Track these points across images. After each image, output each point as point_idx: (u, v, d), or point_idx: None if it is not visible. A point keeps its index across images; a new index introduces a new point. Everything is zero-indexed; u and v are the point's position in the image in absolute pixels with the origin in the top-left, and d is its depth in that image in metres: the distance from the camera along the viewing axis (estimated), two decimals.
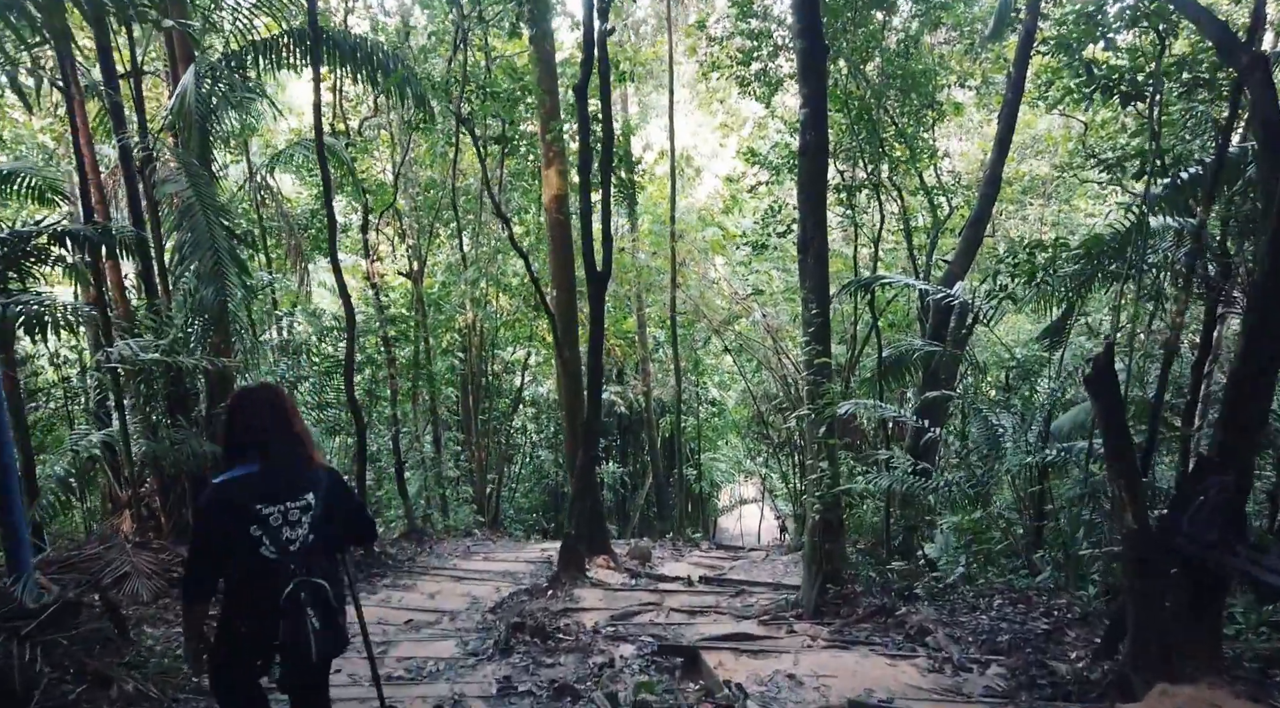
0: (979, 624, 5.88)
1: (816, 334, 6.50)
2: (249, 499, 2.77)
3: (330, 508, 2.96)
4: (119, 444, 8.07)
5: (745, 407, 24.29)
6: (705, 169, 21.36)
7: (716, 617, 6.92)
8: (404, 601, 8.76)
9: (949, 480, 7.73)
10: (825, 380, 6.50)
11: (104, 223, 6.46)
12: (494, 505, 17.87)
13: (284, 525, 2.81)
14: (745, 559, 12.54)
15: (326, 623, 2.80)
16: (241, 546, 2.75)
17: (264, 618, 2.73)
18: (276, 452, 2.88)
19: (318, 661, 2.82)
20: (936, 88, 12.46)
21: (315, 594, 2.79)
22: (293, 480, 2.89)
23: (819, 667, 4.92)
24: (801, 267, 6.62)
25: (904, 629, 5.95)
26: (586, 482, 8.61)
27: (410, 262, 16.22)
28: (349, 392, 9.83)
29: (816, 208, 6.54)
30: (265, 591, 2.73)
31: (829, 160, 7.32)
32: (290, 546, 2.80)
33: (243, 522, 2.75)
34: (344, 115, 14.17)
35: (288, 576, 2.75)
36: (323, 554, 2.92)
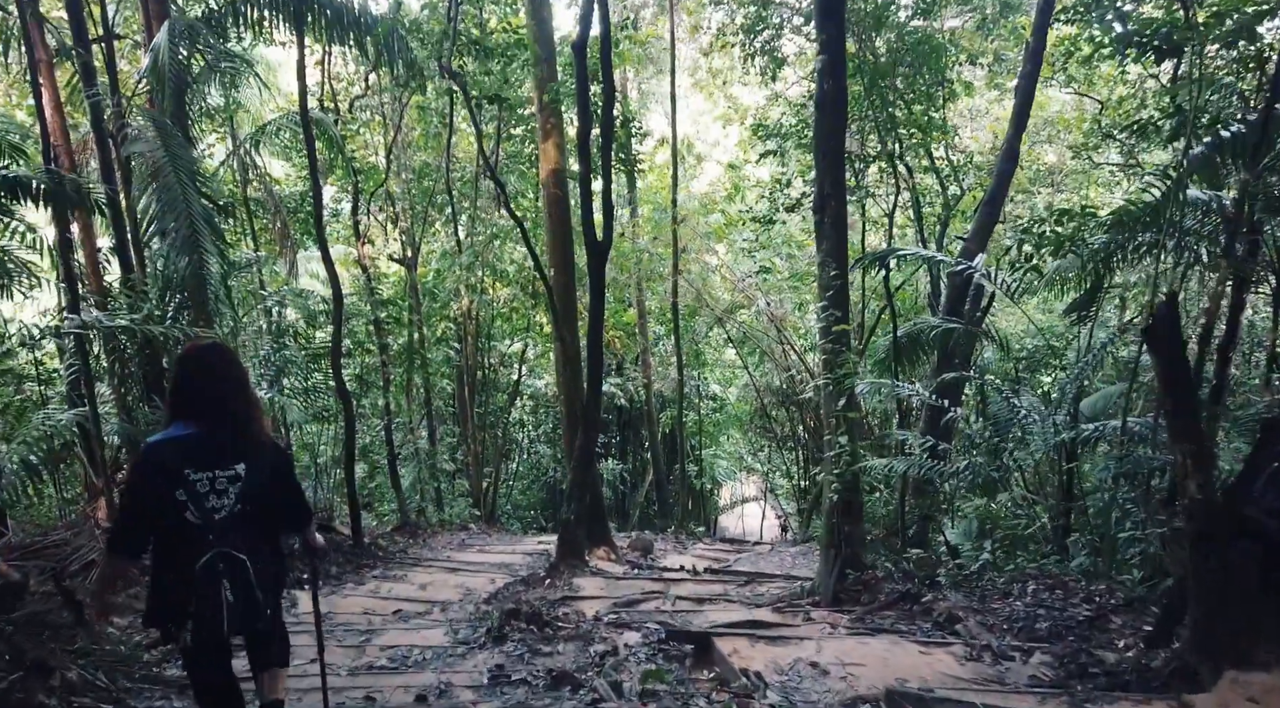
0: (1013, 611, 5.41)
1: (834, 299, 6.03)
2: (179, 462, 2.69)
3: (265, 484, 2.86)
4: (90, 426, 7.59)
5: (746, 402, 23.85)
6: (707, 157, 20.88)
7: (726, 605, 6.45)
8: (393, 591, 8.29)
9: (971, 464, 7.27)
10: (844, 349, 6.04)
11: (58, 171, 5.99)
12: (490, 500, 17.37)
13: (210, 493, 2.72)
14: (750, 552, 12.08)
15: (240, 597, 2.71)
16: (167, 508, 2.67)
17: (182, 583, 2.67)
18: (214, 417, 2.76)
19: (229, 629, 2.73)
20: (948, 64, 12.01)
21: (233, 567, 2.71)
22: (226, 449, 2.77)
23: (844, 654, 4.45)
24: (818, 229, 6.16)
25: (931, 617, 5.48)
26: (586, 466, 8.14)
27: (404, 248, 15.75)
28: (336, 375, 9.36)
29: (834, 165, 6.08)
30: (185, 556, 2.67)
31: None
32: (215, 514, 2.71)
33: (170, 484, 2.67)
34: (334, 96, 13.69)
35: (207, 545, 2.68)
36: (249, 528, 2.81)
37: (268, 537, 2.95)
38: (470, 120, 16.20)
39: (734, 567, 9.99)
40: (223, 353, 2.98)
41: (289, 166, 15.20)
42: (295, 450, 13.42)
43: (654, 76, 19.03)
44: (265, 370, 10.63)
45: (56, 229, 6.76)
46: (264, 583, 2.80)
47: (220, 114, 12.13)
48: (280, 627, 3.17)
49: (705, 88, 20.72)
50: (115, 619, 6.18)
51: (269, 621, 2.90)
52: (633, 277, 17.40)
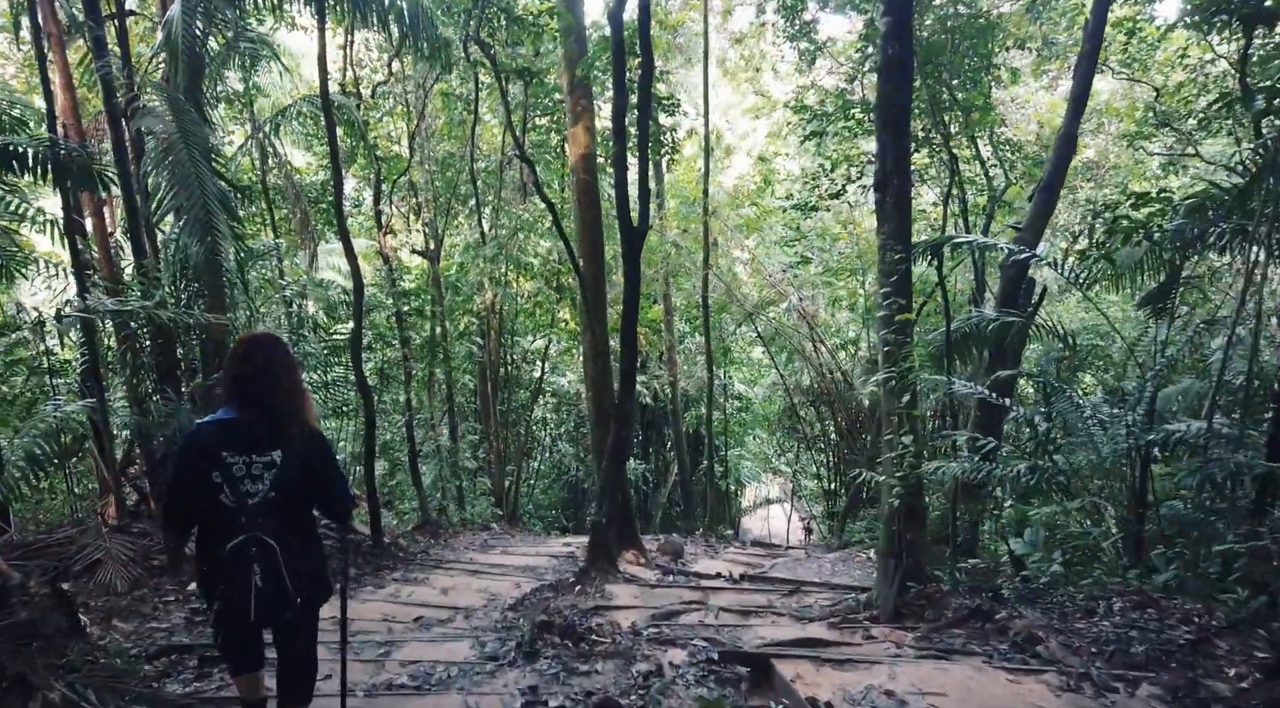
0: (1101, 633, 4.86)
1: (898, 286, 5.51)
2: (219, 445, 2.74)
3: (302, 471, 2.85)
4: (99, 418, 7.21)
5: (772, 401, 23.27)
6: (736, 150, 20.34)
7: (774, 618, 5.94)
8: (414, 596, 7.85)
9: (1036, 467, 6.70)
10: (907, 340, 5.51)
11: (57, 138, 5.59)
12: (512, 499, 16.95)
13: (246, 478, 2.74)
14: (785, 557, 11.54)
15: (270, 583, 2.72)
16: (205, 489, 2.71)
17: (215, 564, 2.73)
18: (256, 403, 2.82)
19: (256, 617, 2.73)
20: (995, 48, 11.40)
21: (264, 552, 2.71)
22: (264, 435, 2.80)
23: (922, 682, 3.93)
24: (879, 209, 5.63)
25: (1008, 637, 4.94)
26: (619, 464, 7.66)
27: (427, 240, 15.34)
28: (356, 369, 8.93)
29: (898, 138, 5.55)
30: (219, 537, 2.71)
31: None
32: (249, 499, 2.74)
33: (208, 466, 2.72)
34: (356, 83, 13.31)
35: (239, 528, 2.71)
36: (283, 515, 2.80)
37: (302, 527, 2.93)
38: (494, 109, 15.86)
39: (770, 573, 9.49)
40: (272, 343, 3.01)
41: (310, 156, 14.85)
42: None
43: (683, 66, 18.52)
44: None
45: (63, 208, 6.36)
46: (295, 573, 2.78)
47: (240, 99, 11.76)
48: (311, 640, 3.09)
49: (735, 77, 20.20)
50: (118, 624, 5.80)
51: (298, 611, 2.85)
52: (659, 271, 16.90)
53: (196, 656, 4.84)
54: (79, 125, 7.46)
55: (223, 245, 6.72)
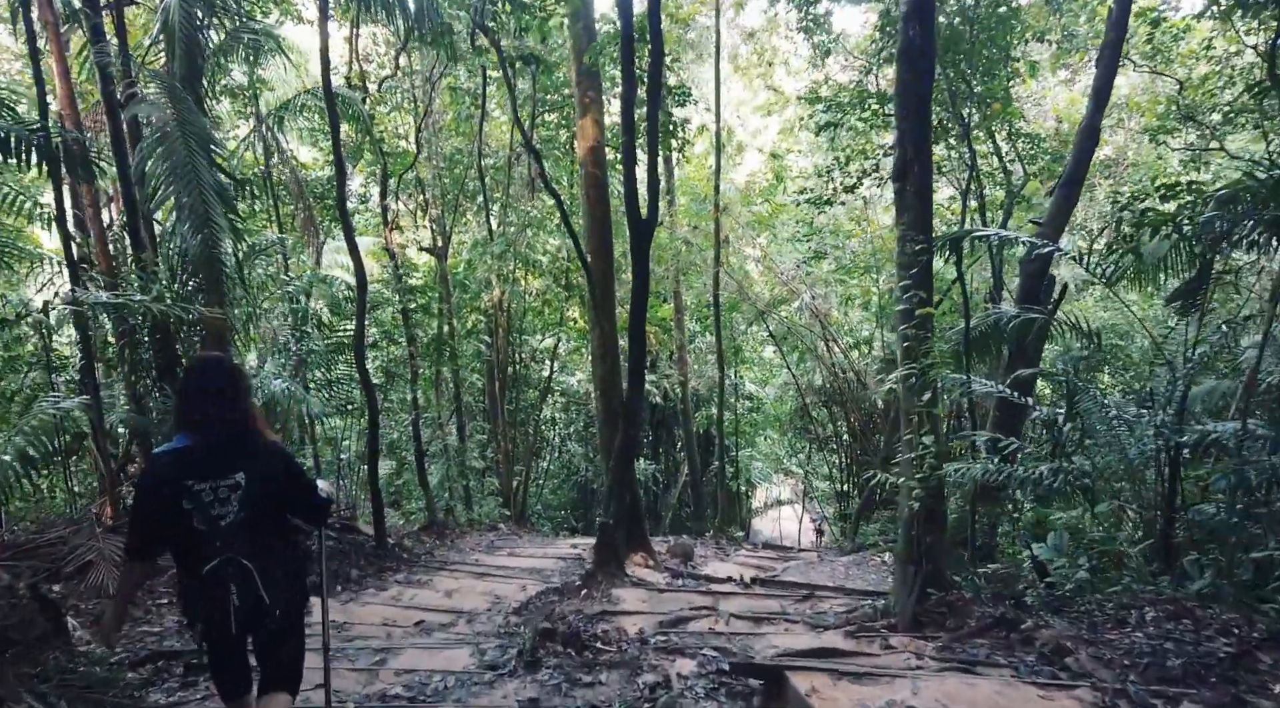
0: (1134, 644, 4.59)
1: (918, 279, 5.26)
2: (181, 474, 2.76)
3: (267, 486, 2.88)
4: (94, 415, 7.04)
5: (783, 401, 22.98)
6: (748, 147, 20.08)
7: (787, 626, 5.70)
8: (417, 599, 7.67)
9: (1062, 469, 6.43)
10: (928, 336, 5.26)
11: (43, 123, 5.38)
12: (521, 500, 16.76)
13: (214, 502, 2.78)
14: (797, 560, 11.28)
15: (247, 600, 2.77)
16: (175, 518, 2.74)
17: (194, 588, 2.78)
18: (212, 428, 2.82)
19: (237, 629, 2.80)
20: (1014, 40, 11.10)
21: (240, 573, 2.77)
22: (225, 458, 2.83)
23: (948, 697, 3.69)
24: (899, 198, 5.39)
25: (1034, 648, 4.69)
26: (626, 464, 7.43)
27: (434, 237, 15.16)
28: (359, 366, 8.75)
29: (919, 125, 5.30)
30: (196, 561, 2.75)
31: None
32: (220, 521, 2.78)
33: (175, 495, 2.75)
34: (363, 78, 13.13)
35: (214, 551, 2.75)
36: (255, 533, 2.84)
37: (275, 541, 2.94)
38: (502, 105, 15.68)
39: (782, 577, 9.24)
40: (220, 365, 3.01)
41: (316, 151, 14.69)
42: (319, 446, 12.90)
43: (694, 62, 18.28)
44: (286, 360, 10.07)
45: (55, 199, 6.19)
46: (272, 586, 2.83)
47: (244, 93, 11.60)
48: (298, 643, 3.11)
49: (747, 73, 19.94)
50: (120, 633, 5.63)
51: (279, 620, 2.89)
52: (670, 269, 16.67)
53: (183, 663, 4.65)
54: (76, 115, 7.29)
55: (220, 238, 6.53)
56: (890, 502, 14.13)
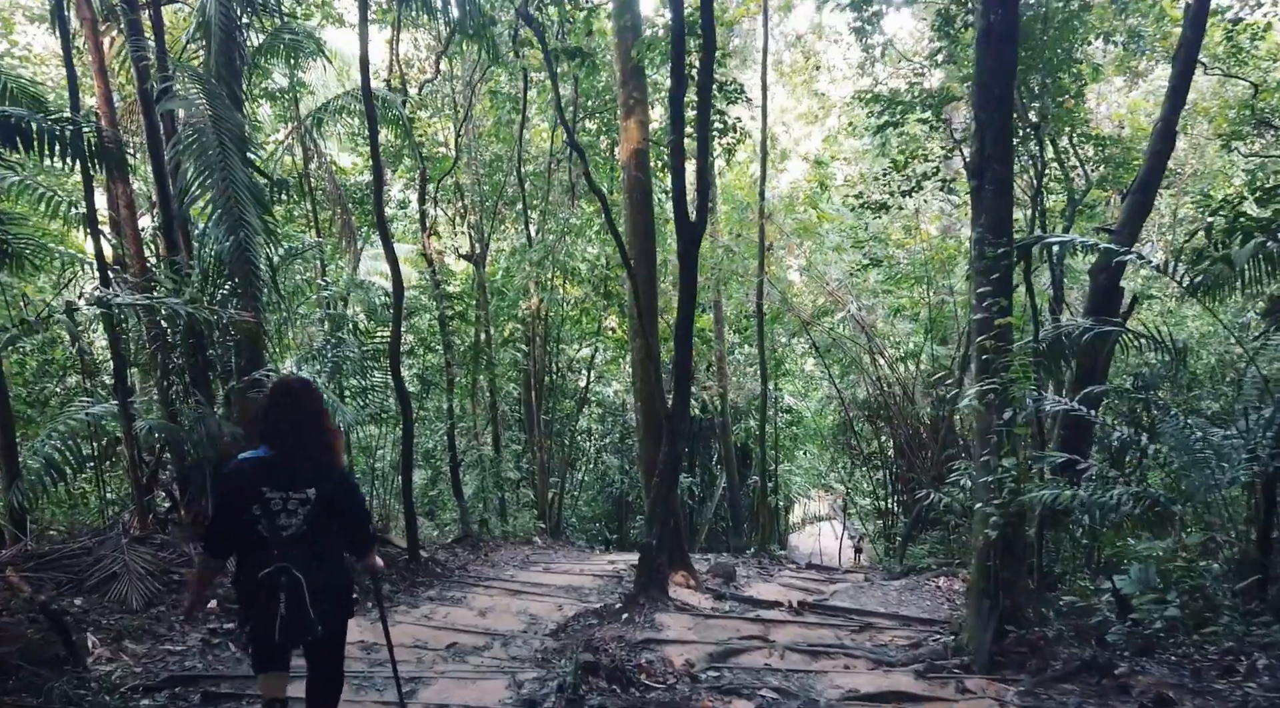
0: (1248, 697, 4.09)
1: (997, 285, 4.81)
2: (257, 481, 2.95)
3: (329, 509, 3.04)
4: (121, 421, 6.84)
5: (823, 415, 22.39)
6: (791, 154, 19.65)
7: (848, 661, 5.24)
8: (450, 618, 7.33)
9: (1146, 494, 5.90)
10: (1008, 348, 4.80)
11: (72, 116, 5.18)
12: (556, 512, 16.42)
13: (282, 512, 2.95)
14: (845, 582, 10.76)
15: (293, 610, 2.88)
16: (244, 521, 2.94)
17: (249, 588, 2.94)
18: (292, 443, 3.02)
19: (280, 639, 2.92)
20: (1077, 41, 10.54)
21: (291, 583, 2.89)
22: (300, 473, 3.01)
23: None
24: (975, 197, 4.95)
25: (1131, 696, 4.20)
26: (671, 482, 7.03)
27: (472, 244, 14.95)
28: (394, 373, 8.48)
29: (1001, 117, 4.86)
30: (254, 565, 2.92)
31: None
32: (282, 531, 2.94)
33: (248, 500, 2.94)
34: (403, 81, 12.98)
35: (271, 558, 2.90)
36: (312, 547, 2.98)
37: (330, 557, 3.10)
38: (542, 110, 15.46)
39: (831, 601, 8.76)
40: (306, 388, 3.24)
41: (356, 156, 14.58)
42: (354, 454, 12.71)
43: (739, 68, 17.92)
44: (321, 367, 9.85)
45: (85, 197, 6.00)
46: (318, 600, 2.94)
47: (285, 96, 11.48)
48: (338, 655, 3.28)
49: (791, 79, 19.56)
50: (130, 645, 5.38)
51: (320, 634, 3.00)
52: (710, 278, 16.26)
53: (201, 690, 4.35)
54: (111, 114, 7.13)
55: (254, 240, 6.29)
56: (938, 522, 13.55)
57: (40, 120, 4.42)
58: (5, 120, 4.26)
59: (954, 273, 14.33)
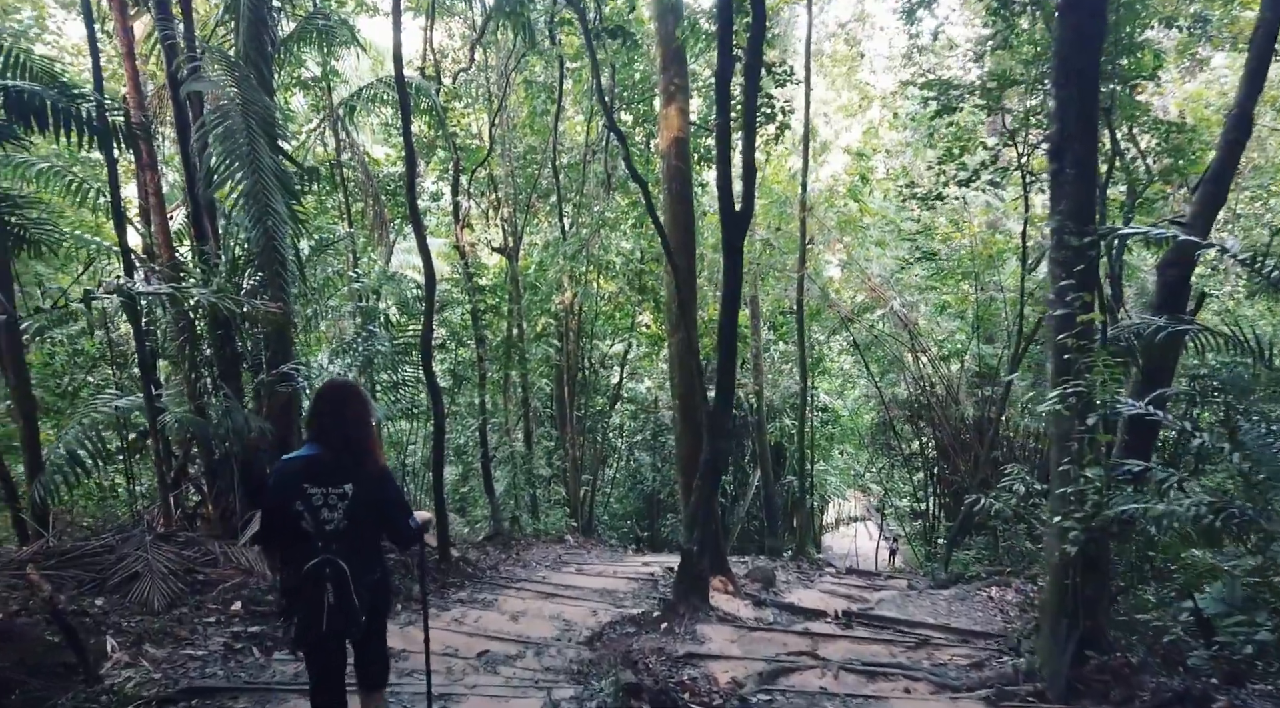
0: None
1: (1082, 277, 4.39)
2: (301, 478, 3.10)
3: (370, 503, 3.17)
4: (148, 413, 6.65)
5: (860, 414, 21.86)
6: (832, 145, 19.14)
7: (908, 684, 4.86)
8: (481, 622, 7.05)
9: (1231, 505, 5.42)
10: (1091, 345, 4.38)
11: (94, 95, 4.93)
12: (587, 510, 16.14)
13: (323, 507, 3.09)
14: (889, 590, 10.33)
15: (339, 600, 3.02)
16: (288, 516, 3.07)
17: (294, 581, 3.06)
18: (339, 442, 3.17)
19: (328, 631, 3.02)
20: (1138, 26, 9.95)
21: (336, 574, 3.03)
22: (340, 469, 3.14)
23: None
24: (1054, 181, 4.53)
25: None
26: (713, 484, 6.69)
27: (505, 237, 14.70)
28: (426, 367, 8.22)
29: (1086, 92, 4.44)
30: (299, 559, 3.05)
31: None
32: (325, 525, 3.08)
33: (291, 496, 3.08)
34: (438, 70, 12.74)
35: (315, 551, 3.04)
36: (353, 541, 3.11)
37: (370, 550, 3.24)
38: (578, 101, 15.15)
39: (877, 610, 8.35)
40: (351, 390, 3.36)
41: (388, 147, 14.39)
42: (385, 449, 12.52)
43: (777, 57, 17.45)
44: (352, 361, 9.63)
45: (109, 180, 5.78)
46: (362, 591, 3.09)
47: (317, 85, 11.29)
48: (381, 644, 3.44)
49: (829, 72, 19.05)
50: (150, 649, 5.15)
51: (364, 626, 3.15)
52: (748, 273, 15.83)
53: (219, 704, 4.09)
54: (140, 99, 6.94)
55: (281, 229, 6.04)
56: (984, 527, 13.02)
57: (56, 97, 4.18)
58: (18, 96, 4.02)
59: (1001, 268, 13.79)
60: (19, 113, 4.08)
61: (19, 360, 5.85)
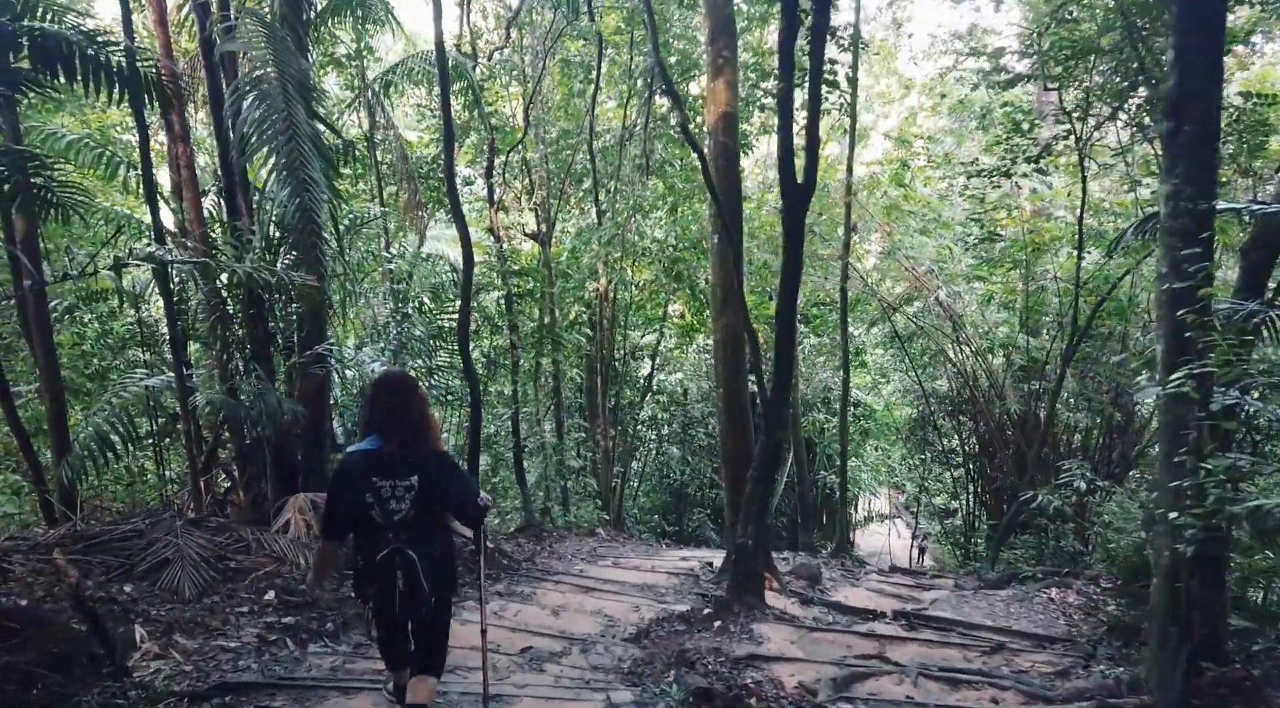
0: None
1: (1205, 247, 3.95)
2: (367, 471, 3.22)
3: (434, 491, 3.27)
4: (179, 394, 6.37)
5: (894, 409, 21.34)
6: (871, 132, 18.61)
7: (995, 693, 4.46)
8: (520, 616, 6.74)
9: None
10: (1211, 322, 3.94)
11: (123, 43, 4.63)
12: (617, 503, 15.80)
13: (391, 498, 3.22)
14: (938, 589, 9.88)
15: (409, 586, 3.19)
16: (358, 509, 3.22)
17: (368, 571, 3.25)
18: (399, 434, 3.27)
19: (399, 613, 3.26)
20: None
21: (406, 562, 3.19)
22: (404, 461, 3.25)
23: None
24: (1170, 141, 4.08)
25: None
26: (769, 477, 6.31)
27: (539, 222, 14.37)
28: (462, 347, 7.90)
29: (1208, 43, 3.99)
30: (370, 549, 3.23)
31: None
32: (394, 516, 3.22)
33: (361, 489, 3.21)
34: (473, 48, 12.41)
35: (386, 541, 3.20)
36: (421, 529, 3.26)
37: (436, 535, 3.35)
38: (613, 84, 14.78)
39: (931, 610, 7.93)
40: (410, 382, 3.49)
41: (421, 131, 14.10)
42: None
43: None
44: (385, 345, 9.35)
45: (139, 135, 5.48)
46: (431, 576, 3.23)
47: (352, 63, 11.01)
48: (445, 628, 3.51)
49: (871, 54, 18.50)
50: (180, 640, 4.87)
51: (433, 610, 3.31)
52: None
53: (254, 703, 3.78)
54: (172, 66, 6.65)
55: (318, 199, 5.71)
56: (1030, 526, 12.51)
57: (83, 43, 3.87)
58: (44, 41, 3.72)
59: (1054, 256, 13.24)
60: (44, 60, 3.79)
61: (46, 334, 5.59)
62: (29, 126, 6.85)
